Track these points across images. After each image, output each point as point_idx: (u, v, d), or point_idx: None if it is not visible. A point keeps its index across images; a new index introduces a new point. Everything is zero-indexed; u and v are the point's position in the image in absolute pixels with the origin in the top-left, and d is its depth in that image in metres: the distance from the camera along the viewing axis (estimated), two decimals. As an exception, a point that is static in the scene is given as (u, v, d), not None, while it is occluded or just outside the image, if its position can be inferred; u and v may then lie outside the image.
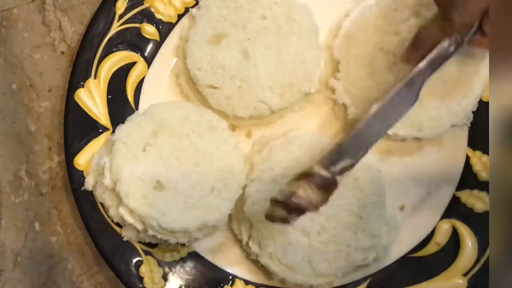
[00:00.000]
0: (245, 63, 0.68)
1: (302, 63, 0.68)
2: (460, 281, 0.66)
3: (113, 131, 0.69)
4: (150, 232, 0.64)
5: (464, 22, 0.55)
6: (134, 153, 0.65)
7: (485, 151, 0.68)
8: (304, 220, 0.58)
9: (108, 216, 0.67)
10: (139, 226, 0.64)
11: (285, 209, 0.57)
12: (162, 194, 0.65)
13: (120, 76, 0.70)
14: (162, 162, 0.66)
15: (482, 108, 0.68)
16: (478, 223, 0.67)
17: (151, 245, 0.68)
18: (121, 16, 0.70)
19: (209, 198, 0.65)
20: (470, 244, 0.66)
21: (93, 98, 0.69)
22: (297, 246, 0.64)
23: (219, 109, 0.69)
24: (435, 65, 0.57)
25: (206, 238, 0.68)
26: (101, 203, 0.67)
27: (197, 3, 0.72)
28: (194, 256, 0.69)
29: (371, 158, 0.67)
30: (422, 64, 0.57)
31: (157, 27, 0.71)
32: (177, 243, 0.66)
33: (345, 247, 0.64)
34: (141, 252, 0.68)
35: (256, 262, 0.68)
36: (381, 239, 0.65)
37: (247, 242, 0.66)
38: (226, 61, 0.68)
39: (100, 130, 0.69)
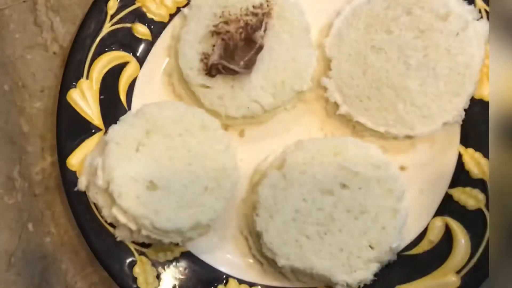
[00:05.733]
0: None
1: (294, 61, 0.68)
2: (453, 278, 0.66)
3: (106, 131, 0.69)
4: (144, 232, 0.64)
5: None
6: (127, 153, 0.65)
7: (478, 148, 0.68)
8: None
9: (102, 217, 0.67)
10: (133, 226, 0.64)
11: None
12: (155, 193, 0.65)
13: (112, 76, 0.70)
14: (155, 162, 0.66)
15: (474, 106, 0.68)
16: (471, 220, 0.67)
17: (145, 245, 0.68)
18: (112, 16, 0.70)
19: (202, 198, 0.65)
20: (463, 241, 0.66)
21: (85, 99, 0.69)
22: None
23: (212, 109, 0.69)
24: None
25: (199, 237, 0.68)
26: (94, 204, 0.67)
27: (188, 3, 0.72)
28: (188, 255, 0.69)
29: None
30: None
31: (149, 27, 0.71)
32: (171, 242, 0.65)
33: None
34: (134, 252, 0.67)
35: (249, 261, 0.69)
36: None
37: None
38: None
39: (93, 131, 0.69)
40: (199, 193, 0.65)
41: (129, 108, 0.71)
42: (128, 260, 0.67)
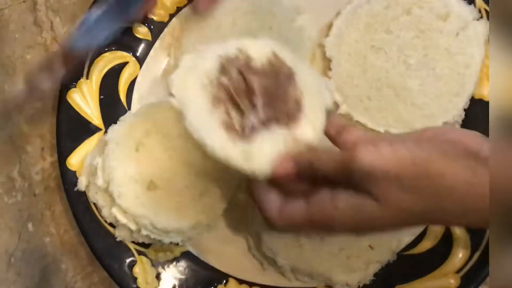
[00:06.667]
0: None
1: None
2: (453, 278, 0.66)
3: (106, 131, 0.69)
4: (144, 232, 0.64)
5: None
6: (127, 153, 0.65)
7: (477, 148, 0.68)
8: None
9: (102, 217, 0.67)
10: (133, 226, 0.64)
11: None
12: (155, 193, 0.64)
13: (112, 76, 0.70)
14: (155, 162, 0.65)
15: (474, 106, 0.68)
16: (471, 220, 0.67)
17: (145, 245, 0.68)
18: (112, 16, 0.70)
19: (202, 198, 0.65)
20: (462, 241, 0.66)
21: (85, 99, 0.69)
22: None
23: None
24: None
25: (200, 237, 0.68)
26: (94, 204, 0.67)
27: (189, 2, 0.71)
28: (188, 255, 0.69)
29: None
30: None
31: (149, 27, 0.71)
32: (171, 242, 0.65)
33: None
34: (134, 252, 0.67)
35: (249, 261, 0.69)
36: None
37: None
38: None
39: (93, 131, 0.69)
40: (200, 193, 0.65)
41: (129, 108, 0.71)
42: (128, 260, 0.67)
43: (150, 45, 0.72)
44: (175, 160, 0.66)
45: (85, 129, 0.69)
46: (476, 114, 0.68)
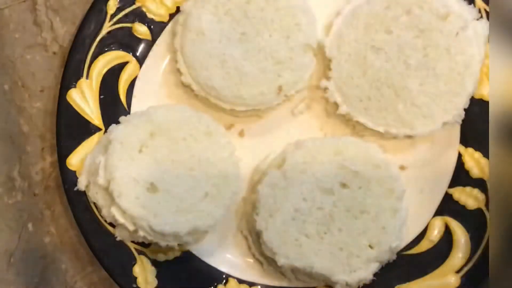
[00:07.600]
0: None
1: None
2: (453, 278, 0.66)
3: (105, 131, 0.69)
4: (141, 233, 0.64)
5: None
6: (130, 154, 0.65)
7: (477, 148, 0.68)
8: None
9: (101, 216, 0.67)
10: (130, 227, 0.64)
11: None
12: (155, 196, 0.64)
13: (112, 76, 0.70)
14: (157, 164, 0.65)
15: (474, 106, 0.68)
16: (471, 220, 0.67)
17: (145, 245, 0.68)
18: (112, 16, 0.70)
19: (202, 203, 0.65)
20: (463, 241, 0.67)
21: (85, 98, 0.69)
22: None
23: (215, 103, 0.69)
24: None
25: (196, 243, 0.68)
26: (94, 203, 0.67)
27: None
28: (188, 255, 0.69)
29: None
30: None
31: (149, 27, 0.71)
32: (167, 245, 0.65)
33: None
34: (134, 252, 0.67)
35: (249, 261, 0.69)
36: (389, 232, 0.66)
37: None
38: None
39: (93, 130, 0.69)
40: (199, 198, 0.65)
41: (129, 108, 0.71)
42: (128, 260, 0.67)
43: (150, 45, 0.71)
44: (177, 164, 0.65)
45: (85, 129, 0.69)
46: (476, 114, 0.68)
